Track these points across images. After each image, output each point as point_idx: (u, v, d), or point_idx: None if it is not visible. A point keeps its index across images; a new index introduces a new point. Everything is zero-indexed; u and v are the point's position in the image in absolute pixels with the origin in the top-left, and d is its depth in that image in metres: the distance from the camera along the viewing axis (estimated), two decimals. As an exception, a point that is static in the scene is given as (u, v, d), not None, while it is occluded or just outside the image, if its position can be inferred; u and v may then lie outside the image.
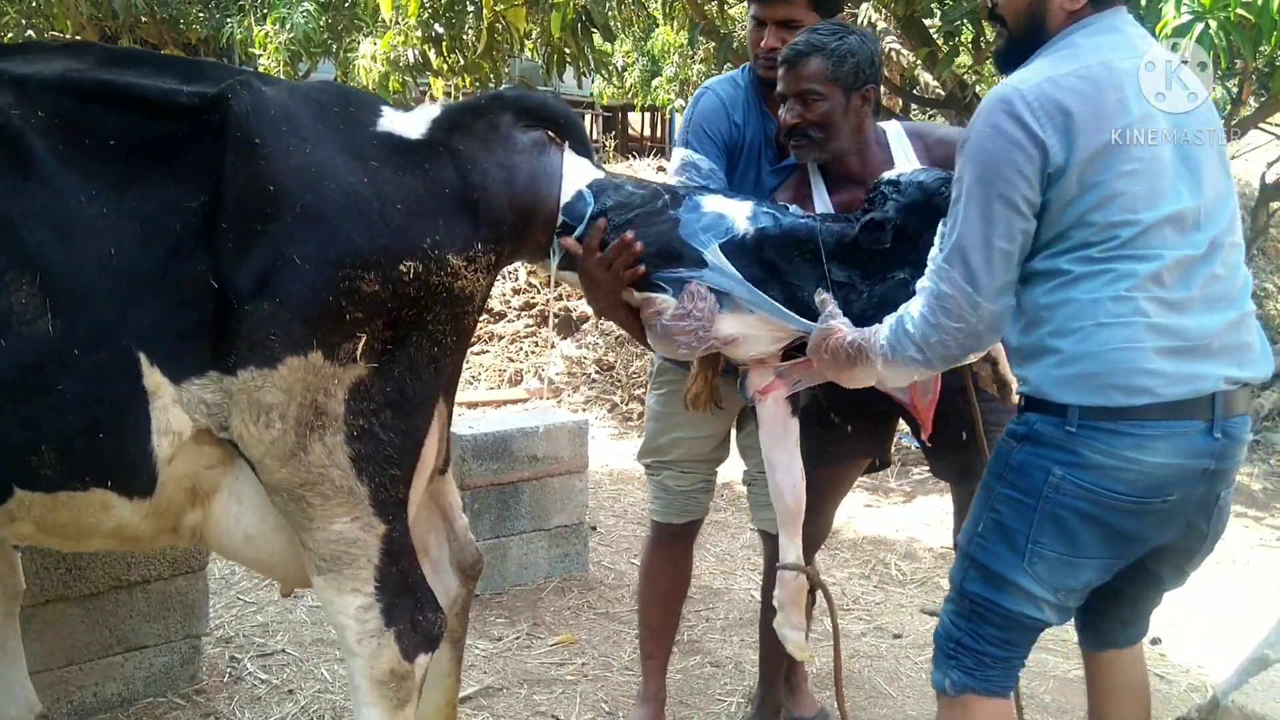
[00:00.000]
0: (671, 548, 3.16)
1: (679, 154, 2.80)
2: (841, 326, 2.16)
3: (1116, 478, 1.90)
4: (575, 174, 2.24)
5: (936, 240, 2.08)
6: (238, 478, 2.07)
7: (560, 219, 2.23)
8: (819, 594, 2.65)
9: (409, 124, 2.08)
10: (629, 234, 2.21)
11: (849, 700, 3.40)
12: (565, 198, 2.22)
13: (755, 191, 2.71)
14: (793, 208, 2.42)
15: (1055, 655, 3.85)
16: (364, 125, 2.04)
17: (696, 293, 2.25)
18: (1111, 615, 2.25)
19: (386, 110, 2.10)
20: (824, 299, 2.22)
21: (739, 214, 2.29)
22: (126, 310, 1.87)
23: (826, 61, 2.44)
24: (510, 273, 8.78)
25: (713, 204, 2.31)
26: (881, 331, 2.08)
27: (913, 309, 2.02)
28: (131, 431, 1.92)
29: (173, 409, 1.93)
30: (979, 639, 2.08)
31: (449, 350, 2.12)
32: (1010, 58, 2.08)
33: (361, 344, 1.95)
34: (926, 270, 2.03)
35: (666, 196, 2.30)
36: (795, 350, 2.36)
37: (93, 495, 1.96)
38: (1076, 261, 1.91)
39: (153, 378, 1.90)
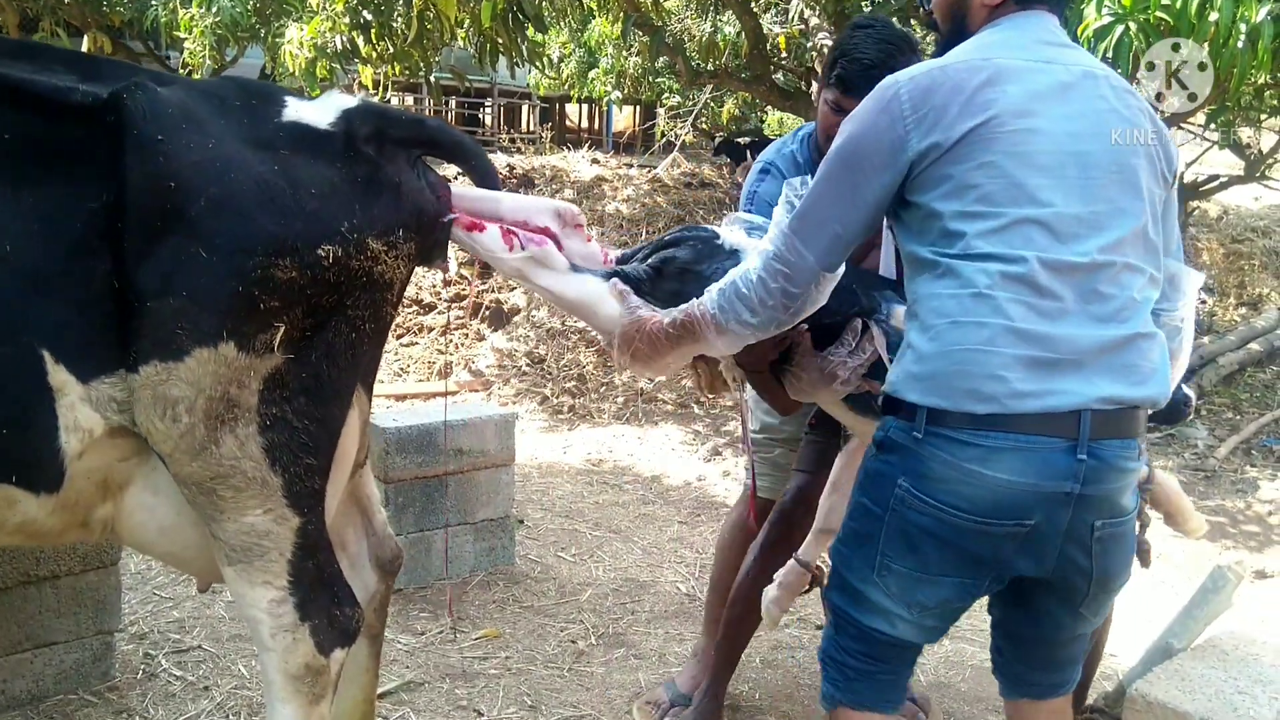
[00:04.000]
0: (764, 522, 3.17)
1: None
2: (652, 312, 2.12)
3: (959, 493, 1.78)
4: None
5: (781, 202, 2.02)
6: (154, 469, 2.02)
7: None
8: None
9: (316, 113, 2.05)
10: None
11: (766, 688, 3.44)
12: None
13: None
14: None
15: (973, 644, 3.93)
16: (269, 116, 2.01)
17: (875, 334, 2.23)
18: (1015, 658, 2.10)
19: (291, 100, 2.07)
20: (620, 289, 2.18)
21: None
22: (28, 309, 1.83)
23: None
24: (441, 264, 8.69)
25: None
26: (705, 303, 2.02)
27: (750, 272, 1.98)
28: (37, 429, 1.87)
29: (81, 407, 1.89)
30: (841, 650, 2.01)
31: (368, 338, 2.10)
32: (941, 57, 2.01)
33: (280, 334, 1.91)
34: (769, 232, 2.00)
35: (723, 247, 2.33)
36: None
37: None
38: (941, 254, 1.84)
39: (58, 375, 1.86)
